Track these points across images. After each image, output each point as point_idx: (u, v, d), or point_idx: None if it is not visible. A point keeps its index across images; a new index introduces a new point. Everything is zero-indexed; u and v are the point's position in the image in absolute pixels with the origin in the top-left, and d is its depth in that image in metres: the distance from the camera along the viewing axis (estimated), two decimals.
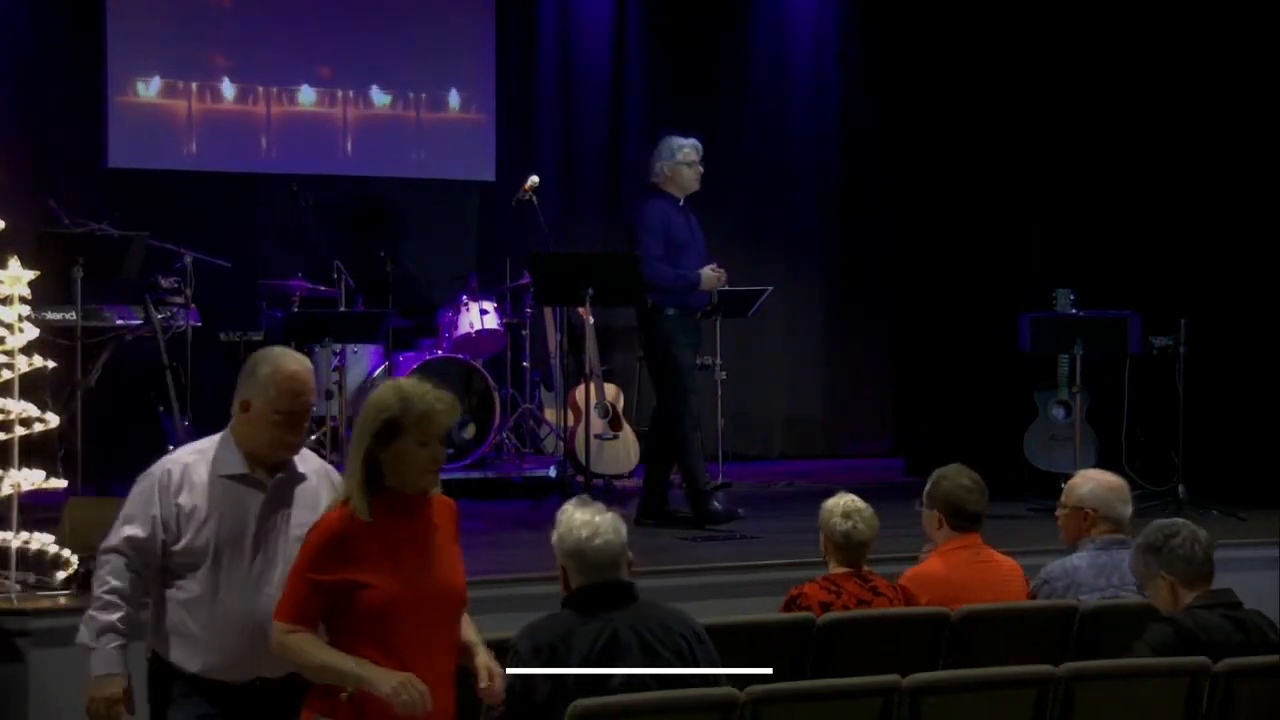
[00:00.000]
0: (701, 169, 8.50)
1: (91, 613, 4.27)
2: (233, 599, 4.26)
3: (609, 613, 4.27)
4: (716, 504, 8.48)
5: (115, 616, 4.24)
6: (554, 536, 4.38)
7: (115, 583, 4.25)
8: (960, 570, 5.59)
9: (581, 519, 4.36)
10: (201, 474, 4.30)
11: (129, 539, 4.27)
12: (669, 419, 8.44)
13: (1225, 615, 4.87)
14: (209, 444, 4.38)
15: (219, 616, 4.25)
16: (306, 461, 4.43)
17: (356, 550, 3.96)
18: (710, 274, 8.45)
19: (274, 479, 4.33)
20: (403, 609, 3.97)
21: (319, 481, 4.41)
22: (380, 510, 3.98)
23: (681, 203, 8.50)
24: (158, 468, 4.35)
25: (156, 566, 4.29)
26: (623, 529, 4.37)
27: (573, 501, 4.46)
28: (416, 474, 4.02)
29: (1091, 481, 5.79)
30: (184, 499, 4.27)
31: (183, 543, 4.25)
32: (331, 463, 4.67)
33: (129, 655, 4.30)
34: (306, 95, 10.88)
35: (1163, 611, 4.92)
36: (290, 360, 4.34)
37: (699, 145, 8.52)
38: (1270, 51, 9.84)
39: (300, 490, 4.37)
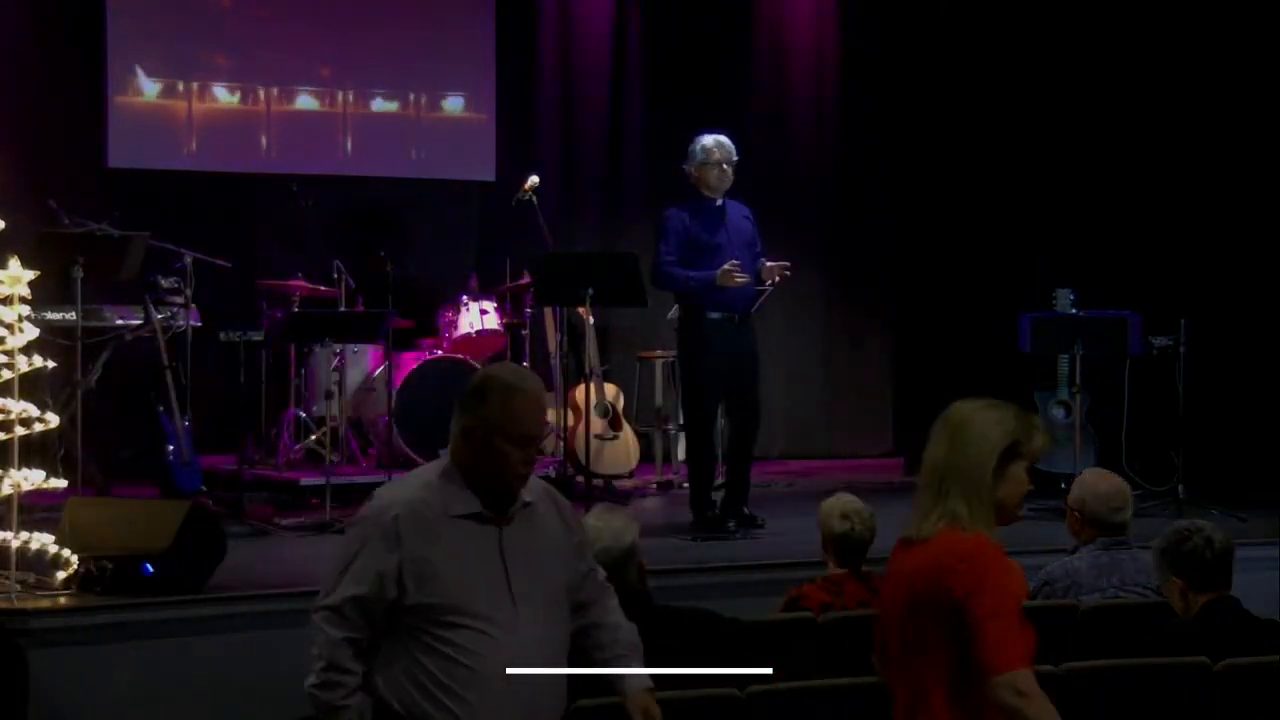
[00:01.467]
0: (728, 166, 8.25)
1: (312, 691, 3.80)
2: (494, 651, 3.77)
3: None
4: (712, 515, 8.40)
5: (338, 695, 3.76)
6: None
7: (332, 657, 3.77)
8: None
9: (589, 524, 4.31)
10: (430, 514, 3.81)
11: (352, 599, 3.76)
12: (751, 419, 8.40)
13: (1229, 621, 4.85)
14: (428, 478, 3.91)
15: (481, 672, 3.76)
16: (529, 487, 3.96)
17: None
18: (725, 270, 8.03)
19: (508, 514, 3.88)
20: None
21: (546, 508, 3.98)
22: None
23: (719, 202, 8.28)
24: (376, 513, 3.84)
25: (383, 622, 3.79)
26: (628, 536, 4.29)
27: (598, 507, 4.40)
28: (1019, 503, 3.65)
29: (1084, 485, 5.76)
30: (418, 546, 3.77)
31: (424, 596, 3.76)
32: (331, 462, 4.54)
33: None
34: (306, 95, 10.88)
35: (1178, 613, 4.92)
36: (523, 379, 3.92)
37: (724, 142, 8.28)
38: (1270, 51, 9.84)
39: (537, 522, 3.94)
